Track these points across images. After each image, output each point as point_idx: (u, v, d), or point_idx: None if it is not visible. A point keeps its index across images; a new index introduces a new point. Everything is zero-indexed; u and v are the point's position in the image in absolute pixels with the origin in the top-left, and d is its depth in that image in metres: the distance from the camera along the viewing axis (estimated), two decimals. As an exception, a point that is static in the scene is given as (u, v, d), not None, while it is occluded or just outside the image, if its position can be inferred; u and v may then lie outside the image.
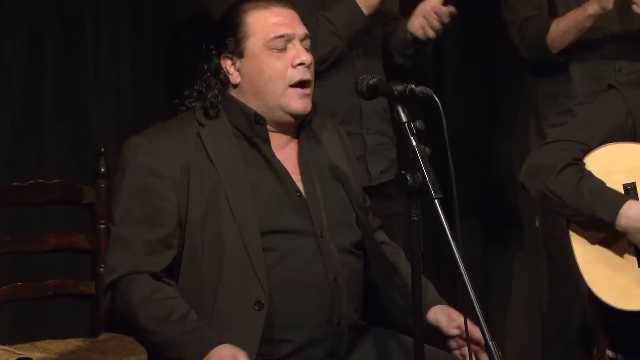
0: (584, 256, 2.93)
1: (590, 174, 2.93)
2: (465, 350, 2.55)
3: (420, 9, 3.35)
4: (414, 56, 3.48)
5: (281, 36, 2.59)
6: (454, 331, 2.58)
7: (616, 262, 2.91)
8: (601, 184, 2.91)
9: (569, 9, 3.56)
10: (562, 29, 3.52)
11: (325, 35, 3.20)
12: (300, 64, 2.60)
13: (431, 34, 3.33)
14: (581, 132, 3.01)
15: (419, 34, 3.35)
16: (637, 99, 2.99)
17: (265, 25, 2.60)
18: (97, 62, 3.73)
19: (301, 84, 2.61)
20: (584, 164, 2.95)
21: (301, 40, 2.62)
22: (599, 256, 2.92)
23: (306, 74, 2.61)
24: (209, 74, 2.63)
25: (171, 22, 3.89)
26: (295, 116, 2.63)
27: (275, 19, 2.60)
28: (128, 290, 2.46)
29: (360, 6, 3.24)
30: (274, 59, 2.59)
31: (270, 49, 2.59)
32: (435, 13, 3.30)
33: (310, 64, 2.62)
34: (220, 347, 2.37)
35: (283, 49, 2.60)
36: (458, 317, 2.59)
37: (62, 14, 3.66)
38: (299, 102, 2.60)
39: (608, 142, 2.97)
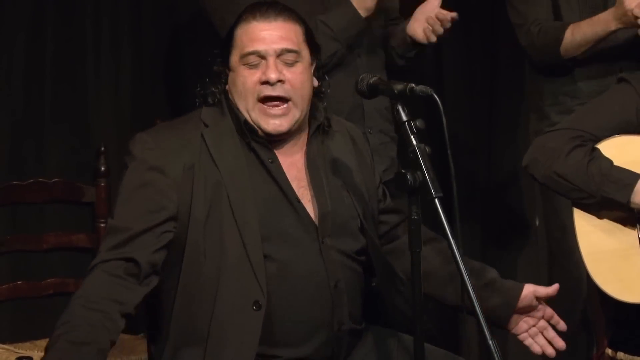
0: (588, 248, 2.93)
1: (598, 154, 2.92)
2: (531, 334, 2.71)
3: (422, 14, 3.34)
4: (413, 58, 3.48)
5: (252, 53, 2.55)
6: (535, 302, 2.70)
7: (621, 254, 2.91)
8: (610, 164, 2.90)
9: (572, 11, 3.56)
10: (579, 40, 3.50)
11: (325, 41, 3.18)
12: (264, 82, 2.55)
13: (433, 38, 3.33)
14: (590, 122, 3.00)
15: (421, 37, 3.34)
16: None
17: (243, 39, 2.57)
18: (97, 62, 3.73)
19: (268, 99, 2.56)
20: (591, 147, 2.93)
21: (278, 56, 2.56)
22: (603, 248, 2.92)
23: (274, 90, 2.55)
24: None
25: (171, 22, 3.89)
26: (268, 135, 2.59)
27: (252, 35, 2.56)
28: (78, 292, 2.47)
29: (358, 9, 3.24)
30: (247, 74, 2.56)
31: (244, 64, 2.56)
32: (438, 18, 3.29)
33: (276, 81, 2.55)
34: None
35: (255, 65, 2.56)
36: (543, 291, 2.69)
37: (62, 14, 3.66)
38: (268, 122, 2.56)
39: (616, 135, 2.96)
